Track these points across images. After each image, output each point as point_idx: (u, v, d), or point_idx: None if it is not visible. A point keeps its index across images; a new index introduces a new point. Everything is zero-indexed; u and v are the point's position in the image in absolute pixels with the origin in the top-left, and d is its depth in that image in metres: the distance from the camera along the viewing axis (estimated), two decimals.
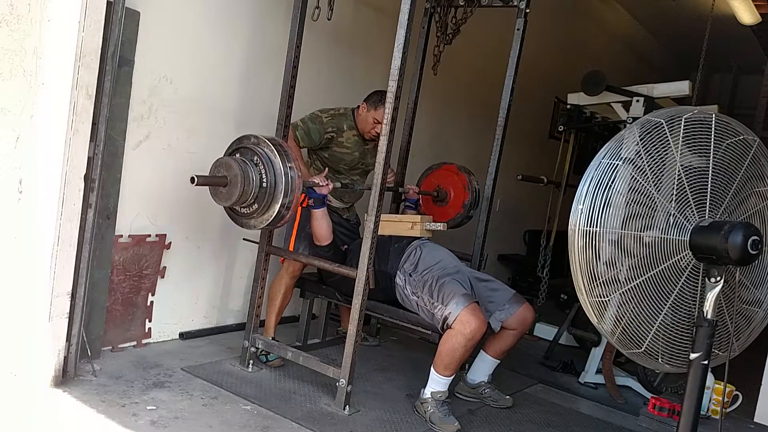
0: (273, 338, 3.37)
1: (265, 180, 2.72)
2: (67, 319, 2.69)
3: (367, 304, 2.89)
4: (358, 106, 3.44)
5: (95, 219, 2.73)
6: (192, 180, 2.66)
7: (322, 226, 3.19)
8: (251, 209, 2.79)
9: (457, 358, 2.90)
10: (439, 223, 3.41)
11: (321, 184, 3.06)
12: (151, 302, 3.31)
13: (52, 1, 2.53)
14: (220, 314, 3.76)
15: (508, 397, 3.29)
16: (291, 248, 3.35)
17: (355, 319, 2.84)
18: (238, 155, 2.80)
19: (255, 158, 2.75)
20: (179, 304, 3.49)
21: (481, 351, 3.25)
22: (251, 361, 3.20)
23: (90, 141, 2.65)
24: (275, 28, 3.59)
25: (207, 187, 2.77)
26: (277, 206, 2.73)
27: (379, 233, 2.89)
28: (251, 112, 3.63)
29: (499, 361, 3.27)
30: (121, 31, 2.73)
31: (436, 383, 2.94)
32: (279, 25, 3.53)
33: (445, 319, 2.90)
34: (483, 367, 3.27)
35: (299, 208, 3.12)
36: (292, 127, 3.26)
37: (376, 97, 3.35)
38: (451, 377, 2.96)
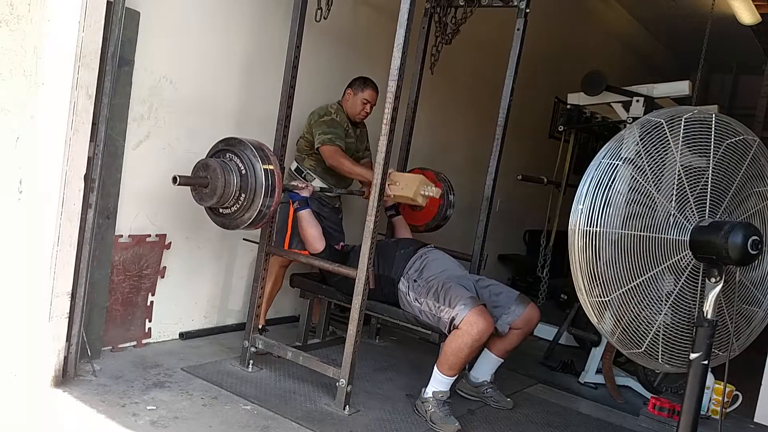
0: (263, 326, 3.54)
1: (244, 181, 2.80)
2: (67, 319, 2.69)
3: (367, 304, 2.89)
4: (341, 98, 3.71)
5: (95, 219, 2.73)
6: (174, 180, 2.71)
7: (311, 227, 3.24)
8: (232, 210, 2.87)
9: (462, 359, 2.89)
10: (434, 188, 3.33)
11: (301, 186, 3.19)
12: (151, 302, 3.31)
13: (52, 1, 2.53)
14: (220, 314, 3.76)
15: (509, 399, 3.28)
16: (286, 245, 3.36)
17: (355, 319, 2.84)
18: (219, 157, 2.88)
19: (235, 160, 2.83)
20: (179, 304, 3.49)
21: (485, 350, 3.23)
22: (251, 361, 3.20)
23: (90, 141, 2.65)
24: (276, 28, 3.59)
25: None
26: (258, 206, 2.82)
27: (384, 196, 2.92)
28: (251, 112, 3.63)
29: (502, 360, 3.27)
30: (121, 31, 2.74)
31: (439, 383, 2.94)
32: (279, 25, 3.53)
33: (452, 320, 2.89)
34: (486, 366, 3.27)
35: (291, 217, 3.28)
36: (330, 144, 3.45)
37: (360, 81, 3.64)
38: (454, 377, 2.96)
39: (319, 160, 3.57)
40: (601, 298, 1.95)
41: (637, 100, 4.18)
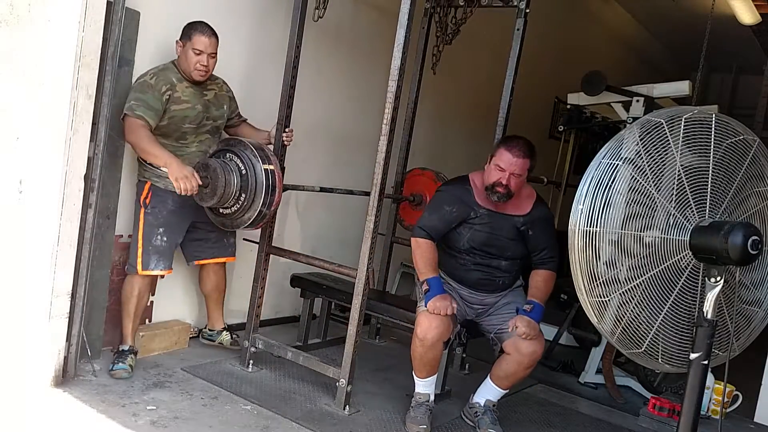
0: (130, 347, 2.99)
1: (245, 181, 2.81)
2: (67, 319, 2.69)
3: (367, 304, 2.88)
4: (177, 58, 3.00)
5: (95, 219, 2.73)
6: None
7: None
8: (232, 210, 2.88)
9: (414, 360, 2.81)
10: None
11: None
12: (151, 302, 3.30)
13: (52, 1, 2.53)
14: None
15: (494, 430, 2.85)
16: (140, 268, 2.96)
17: (355, 319, 2.84)
18: (219, 157, 2.90)
19: (236, 160, 2.86)
20: (179, 304, 3.49)
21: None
22: (251, 361, 3.20)
23: (90, 141, 2.65)
24: (275, 28, 3.59)
25: None
26: (258, 206, 2.84)
27: None
28: (251, 113, 3.62)
29: (500, 389, 2.91)
30: (121, 31, 2.73)
31: (416, 385, 2.88)
32: (279, 25, 3.53)
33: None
34: (482, 389, 2.96)
35: (142, 215, 2.96)
36: (130, 113, 2.78)
37: (187, 29, 2.95)
38: (422, 380, 2.85)
39: (164, 144, 2.91)
40: (601, 298, 1.95)
41: (637, 100, 4.19)
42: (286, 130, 3.14)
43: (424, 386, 2.88)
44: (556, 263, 2.93)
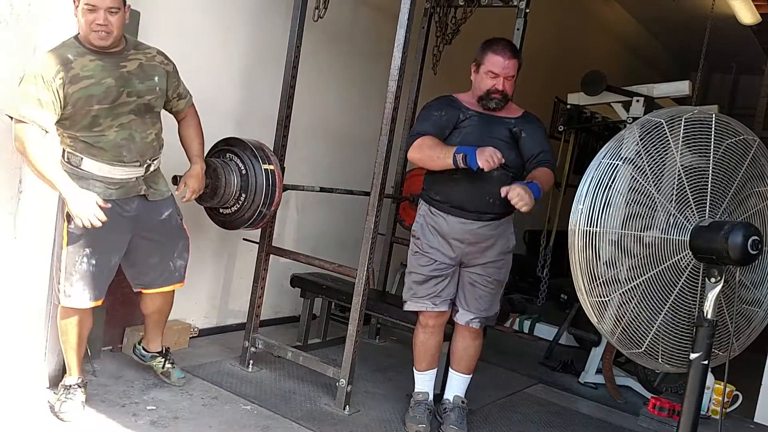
0: (80, 378, 2.56)
1: (245, 181, 2.81)
2: None
3: (367, 304, 2.89)
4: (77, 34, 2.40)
5: None
6: (174, 180, 2.70)
7: None
8: (232, 210, 2.89)
9: (415, 351, 2.90)
10: None
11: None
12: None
13: (52, 1, 2.53)
14: (221, 314, 3.76)
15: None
16: (60, 298, 2.47)
17: (355, 319, 2.84)
18: (219, 157, 2.91)
19: (236, 160, 2.86)
20: (179, 304, 3.48)
21: None
22: (251, 361, 3.20)
23: None
24: (275, 28, 3.59)
25: None
26: (258, 206, 2.84)
27: None
28: (251, 113, 3.63)
29: (458, 374, 2.90)
30: None
31: (415, 381, 2.93)
32: (279, 25, 3.53)
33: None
34: (448, 383, 2.95)
35: (65, 231, 2.42)
36: (20, 118, 2.26)
37: None
38: (421, 372, 2.89)
39: (76, 136, 2.40)
40: (601, 298, 1.95)
41: (637, 100, 4.19)
42: (186, 186, 2.67)
43: (423, 382, 2.90)
44: (553, 165, 2.82)
